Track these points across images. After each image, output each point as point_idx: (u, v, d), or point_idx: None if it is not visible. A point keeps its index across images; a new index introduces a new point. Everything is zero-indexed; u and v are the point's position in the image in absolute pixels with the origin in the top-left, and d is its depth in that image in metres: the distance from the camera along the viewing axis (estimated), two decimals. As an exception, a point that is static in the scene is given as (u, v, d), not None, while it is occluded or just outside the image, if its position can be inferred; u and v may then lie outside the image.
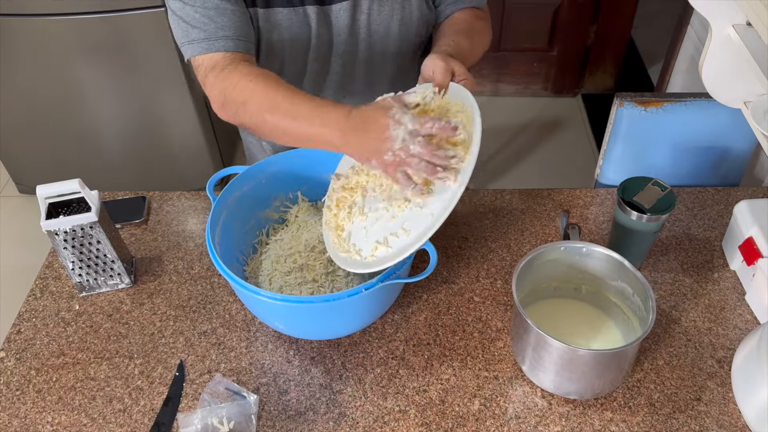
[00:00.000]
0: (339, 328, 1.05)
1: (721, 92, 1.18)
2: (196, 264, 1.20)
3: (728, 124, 1.38)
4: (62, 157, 2.41)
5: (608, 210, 1.29)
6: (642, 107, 1.38)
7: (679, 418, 0.96)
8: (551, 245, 1.03)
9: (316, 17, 1.10)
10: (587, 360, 0.92)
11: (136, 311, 1.13)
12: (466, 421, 0.96)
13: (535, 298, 1.08)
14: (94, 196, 1.08)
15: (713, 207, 1.29)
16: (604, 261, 1.02)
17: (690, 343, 1.06)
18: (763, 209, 1.12)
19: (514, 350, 1.02)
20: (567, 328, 1.04)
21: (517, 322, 0.99)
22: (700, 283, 1.15)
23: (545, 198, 1.32)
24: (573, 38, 2.88)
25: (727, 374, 1.01)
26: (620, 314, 1.04)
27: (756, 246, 1.08)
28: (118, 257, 1.12)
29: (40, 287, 1.17)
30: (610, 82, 3.08)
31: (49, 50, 2.09)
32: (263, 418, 0.97)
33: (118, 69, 2.16)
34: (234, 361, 1.04)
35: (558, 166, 2.74)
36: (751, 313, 1.10)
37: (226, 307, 1.13)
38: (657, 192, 1.09)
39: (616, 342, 1.03)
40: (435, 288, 1.14)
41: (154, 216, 1.30)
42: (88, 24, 2.02)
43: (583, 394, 0.98)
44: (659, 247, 1.21)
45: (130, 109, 2.28)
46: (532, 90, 3.08)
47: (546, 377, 0.97)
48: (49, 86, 2.19)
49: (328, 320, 1.01)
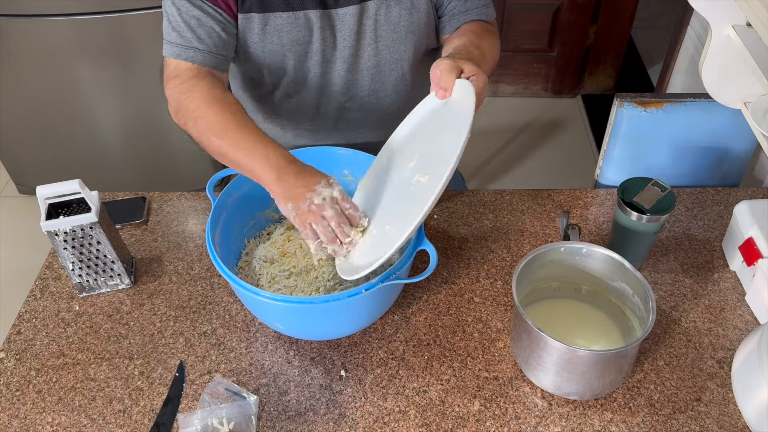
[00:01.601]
0: (339, 329, 1.05)
1: (720, 93, 1.18)
2: (196, 264, 1.20)
3: (728, 124, 1.38)
4: (62, 158, 2.41)
5: (608, 210, 1.29)
6: (642, 108, 1.38)
7: (679, 418, 0.96)
8: (551, 246, 1.03)
9: (319, 21, 1.10)
10: (587, 360, 0.92)
11: (136, 312, 1.13)
12: (466, 422, 0.96)
13: (535, 299, 1.08)
14: (94, 197, 1.08)
15: (713, 207, 1.29)
16: (604, 261, 1.02)
17: (690, 343, 1.06)
18: (763, 210, 1.12)
19: (514, 351, 1.03)
20: (567, 328, 1.04)
21: (517, 322, 0.99)
22: (700, 284, 1.15)
23: (545, 198, 1.32)
24: (573, 39, 2.88)
25: (728, 375, 1.01)
26: (620, 315, 1.04)
27: (756, 246, 1.08)
28: (118, 258, 1.12)
29: (40, 288, 1.17)
30: (610, 83, 3.08)
31: (50, 51, 2.09)
32: (263, 419, 0.97)
33: (118, 69, 2.16)
34: (234, 362, 1.04)
35: (558, 166, 2.74)
36: (751, 314, 1.10)
37: (226, 308, 1.13)
38: (657, 192, 1.09)
39: (616, 342, 1.03)
40: (435, 288, 1.14)
41: (154, 216, 1.30)
42: (88, 24, 2.02)
43: (583, 395, 0.98)
44: (659, 248, 1.21)
45: (130, 110, 2.28)
46: (532, 90, 3.08)
47: (546, 378, 0.97)
48: (49, 87, 2.19)
49: (328, 321, 1.01)
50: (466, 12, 1.16)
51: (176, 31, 1.07)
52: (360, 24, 1.12)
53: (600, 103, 3.02)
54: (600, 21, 2.81)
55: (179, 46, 1.07)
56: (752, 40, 1.05)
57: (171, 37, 1.08)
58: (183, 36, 1.07)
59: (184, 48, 1.07)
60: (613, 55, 2.97)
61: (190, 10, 1.06)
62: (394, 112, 1.25)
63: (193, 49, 1.07)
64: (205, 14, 1.07)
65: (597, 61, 2.98)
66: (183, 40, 1.07)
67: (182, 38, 1.07)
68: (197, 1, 1.06)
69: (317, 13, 1.09)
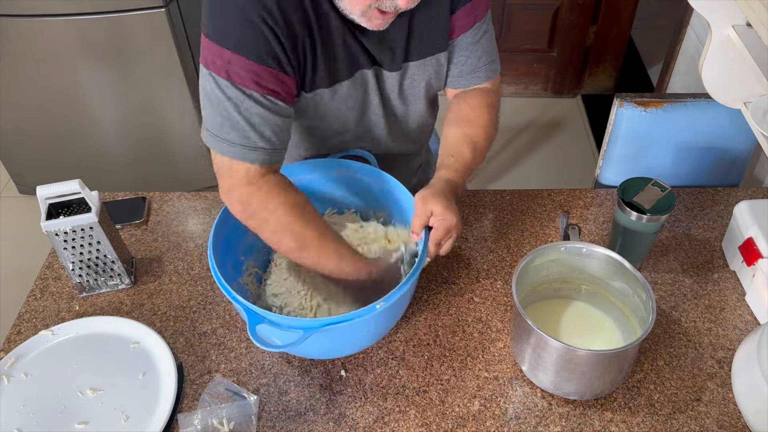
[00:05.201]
0: (346, 348, 1.04)
1: (720, 93, 1.18)
2: (196, 264, 1.20)
3: (728, 124, 1.38)
4: (62, 158, 2.41)
5: (608, 210, 1.29)
6: (642, 108, 1.38)
7: (679, 418, 0.96)
8: (551, 246, 1.03)
9: (374, 80, 1.10)
10: (587, 360, 0.92)
11: (136, 312, 1.13)
12: (466, 422, 0.96)
13: (535, 299, 1.08)
14: (95, 197, 1.08)
15: (713, 207, 1.29)
16: (604, 261, 1.02)
17: (690, 343, 1.06)
18: (763, 210, 1.12)
19: (514, 351, 1.03)
20: (567, 328, 1.05)
21: (517, 322, 0.99)
22: (700, 284, 1.15)
23: (545, 198, 1.32)
24: (573, 39, 2.88)
25: (727, 375, 1.01)
26: (620, 315, 1.04)
27: (756, 246, 1.08)
28: (118, 258, 1.12)
29: (40, 288, 1.17)
30: (609, 83, 3.08)
31: (49, 51, 2.09)
32: (263, 419, 0.97)
33: (117, 69, 2.16)
34: (234, 362, 1.04)
35: (558, 166, 2.74)
36: (751, 314, 1.10)
37: (226, 308, 1.13)
38: (657, 192, 1.09)
39: (617, 343, 1.03)
40: (435, 288, 1.14)
41: (154, 216, 1.30)
42: (88, 24, 2.02)
43: (582, 395, 0.98)
44: (659, 248, 1.21)
45: (129, 110, 2.28)
46: (531, 90, 3.08)
47: (546, 378, 0.97)
48: (48, 87, 2.19)
49: (339, 340, 1.00)
50: (475, 71, 1.16)
51: (236, 130, 0.95)
52: (401, 86, 1.14)
53: (600, 104, 3.02)
54: (600, 21, 2.81)
55: (241, 147, 0.96)
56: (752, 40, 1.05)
57: (229, 136, 0.96)
58: (246, 137, 0.96)
59: (247, 149, 0.96)
60: (613, 55, 2.97)
61: (252, 108, 0.95)
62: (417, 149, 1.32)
63: (261, 150, 0.97)
64: (270, 112, 0.97)
65: (597, 61, 2.98)
66: (245, 140, 0.96)
67: (245, 138, 0.96)
68: (260, 98, 0.95)
69: (371, 72, 1.09)
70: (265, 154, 0.98)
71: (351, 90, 1.09)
